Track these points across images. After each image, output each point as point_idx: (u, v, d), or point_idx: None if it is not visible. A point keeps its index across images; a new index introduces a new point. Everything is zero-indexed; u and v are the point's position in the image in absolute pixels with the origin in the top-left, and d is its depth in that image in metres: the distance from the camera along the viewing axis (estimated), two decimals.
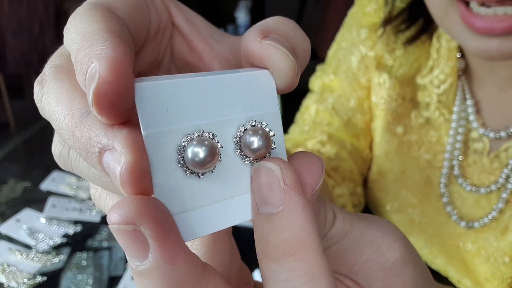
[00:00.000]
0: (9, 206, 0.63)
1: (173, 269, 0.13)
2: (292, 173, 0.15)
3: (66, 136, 0.16)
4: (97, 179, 0.17)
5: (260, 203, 0.15)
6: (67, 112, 0.16)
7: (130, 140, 0.15)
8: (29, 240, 0.55)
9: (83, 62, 0.15)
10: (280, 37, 0.17)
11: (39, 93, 0.18)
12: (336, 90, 0.53)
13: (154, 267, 0.13)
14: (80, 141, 0.15)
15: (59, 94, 0.17)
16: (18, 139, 0.85)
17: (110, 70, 0.14)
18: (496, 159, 0.42)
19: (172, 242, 0.13)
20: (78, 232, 0.59)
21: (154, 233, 0.13)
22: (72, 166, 0.18)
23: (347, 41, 0.52)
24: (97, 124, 0.15)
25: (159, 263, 0.13)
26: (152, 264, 0.13)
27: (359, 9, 0.52)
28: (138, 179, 0.14)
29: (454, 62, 0.44)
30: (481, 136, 0.43)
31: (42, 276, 0.50)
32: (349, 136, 0.51)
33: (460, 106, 0.44)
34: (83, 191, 0.67)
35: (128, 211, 0.13)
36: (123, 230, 0.13)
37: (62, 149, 0.18)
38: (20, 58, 1.56)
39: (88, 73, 0.14)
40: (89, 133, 0.15)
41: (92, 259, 0.54)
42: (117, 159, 0.14)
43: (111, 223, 0.13)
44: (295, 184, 0.15)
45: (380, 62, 0.49)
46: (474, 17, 0.34)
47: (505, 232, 0.40)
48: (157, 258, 0.13)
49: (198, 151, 0.14)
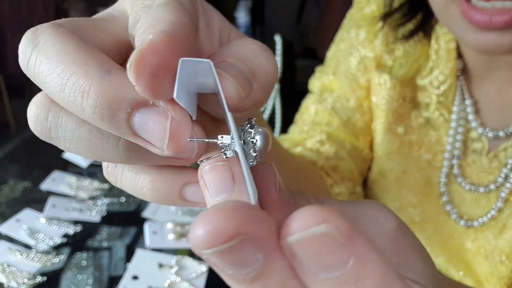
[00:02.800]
0: (9, 206, 0.63)
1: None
2: (343, 220, 0.12)
3: (70, 96, 0.15)
4: (85, 143, 0.17)
5: (319, 270, 0.12)
6: (78, 69, 0.15)
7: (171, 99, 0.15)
8: (29, 240, 0.55)
9: (143, 34, 0.15)
10: (236, 61, 0.18)
11: (29, 45, 0.16)
12: (335, 91, 0.53)
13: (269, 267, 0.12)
14: (102, 99, 0.15)
15: (61, 48, 0.16)
16: (18, 139, 0.85)
17: (161, 39, 0.14)
18: (495, 158, 0.42)
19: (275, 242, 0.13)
20: (78, 232, 0.59)
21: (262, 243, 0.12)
22: (52, 132, 0.17)
23: (346, 42, 0.53)
24: (127, 80, 0.15)
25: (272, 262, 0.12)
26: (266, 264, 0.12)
27: (358, 10, 0.52)
28: (186, 134, 0.15)
29: (453, 63, 0.45)
30: (480, 136, 0.43)
31: (42, 276, 0.50)
32: (348, 135, 0.52)
33: (459, 106, 0.45)
34: (83, 191, 0.67)
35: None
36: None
37: (40, 113, 0.17)
38: None
39: (141, 42, 0.15)
40: (116, 91, 0.15)
41: (92, 259, 0.54)
42: (161, 115, 0.14)
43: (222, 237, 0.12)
44: (352, 231, 0.12)
45: (380, 63, 0.49)
46: (474, 10, 0.34)
47: (503, 230, 0.40)
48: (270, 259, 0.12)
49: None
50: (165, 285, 0.50)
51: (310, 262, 0.12)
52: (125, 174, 0.19)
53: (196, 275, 0.52)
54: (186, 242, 0.58)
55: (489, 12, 0.33)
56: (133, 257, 0.54)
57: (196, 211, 0.64)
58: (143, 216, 0.62)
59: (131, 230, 0.60)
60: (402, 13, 0.46)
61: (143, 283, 0.50)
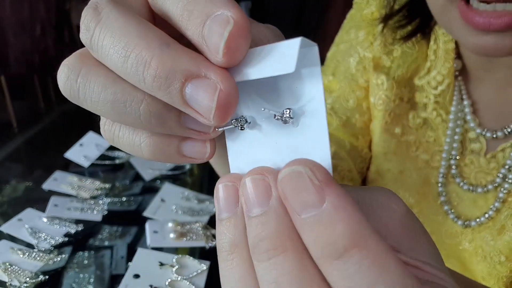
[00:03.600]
0: (11, 205, 0.64)
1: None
2: (321, 168, 0.15)
3: (133, 67, 0.16)
4: (109, 105, 0.18)
5: (300, 209, 0.15)
6: (141, 42, 0.16)
7: (223, 71, 0.16)
8: (31, 239, 0.56)
9: (204, 8, 0.16)
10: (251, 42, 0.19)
11: (92, 21, 0.17)
12: (335, 91, 0.53)
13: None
14: (161, 70, 0.16)
15: (124, 23, 0.17)
16: (20, 139, 0.85)
17: (242, 18, 0.16)
18: (493, 159, 0.42)
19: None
20: (79, 231, 0.59)
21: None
22: (80, 93, 0.18)
23: (345, 42, 0.53)
24: (183, 54, 0.16)
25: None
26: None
27: (357, 11, 0.53)
28: (233, 107, 0.16)
29: (451, 64, 0.45)
30: (478, 136, 0.44)
31: (44, 275, 0.51)
32: (347, 135, 0.52)
33: (457, 107, 0.45)
34: (84, 191, 0.68)
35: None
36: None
37: (70, 74, 0.18)
38: (22, 59, 1.56)
39: (213, 19, 0.16)
40: (173, 62, 0.16)
41: (93, 258, 0.55)
42: (210, 86, 0.16)
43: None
44: (328, 178, 0.15)
45: (378, 64, 0.50)
46: (473, 12, 0.34)
47: (502, 231, 0.40)
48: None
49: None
50: (166, 283, 0.50)
51: (292, 198, 0.15)
52: (123, 131, 0.20)
53: (196, 273, 0.52)
54: (186, 241, 0.58)
55: (488, 14, 0.33)
56: (134, 256, 0.54)
57: (196, 211, 0.65)
58: (144, 216, 0.63)
59: (132, 229, 0.61)
60: (402, 16, 0.46)
61: (144, 281, 0.50)
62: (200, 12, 0.16)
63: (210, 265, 0.54)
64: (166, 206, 0.65)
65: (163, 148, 0.19)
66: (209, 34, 0.16)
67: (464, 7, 0.35)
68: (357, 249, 0.14)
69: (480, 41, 0.35)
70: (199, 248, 0.58)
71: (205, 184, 0.72)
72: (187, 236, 0.59)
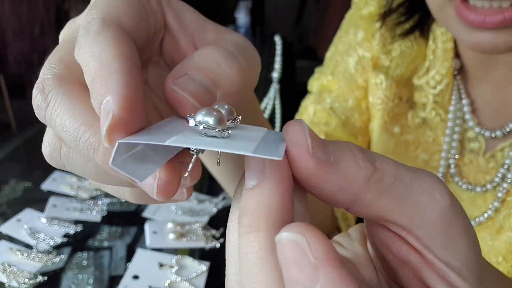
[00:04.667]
0: (10, 206, 0.64)
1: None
2: (321, 242, 0.13)
3: (84, 149, 0.18)
4: (94, 175, 0.19)
5: (291, 284, 0.13)
6: (87, 129, 0.18)
7: (163, 166, 0.17)
8: (30, 240, 0.56)
9: (98, 92, 0.17)
10: (197, 73, 0.19)
11: (42, 103, 0.19)
12: (334, 91, 0.53)
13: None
14: (108, 156, 0.17)
15: (71, 109, 0.18)
16: (19, 139, 0.85)
17: (123, 109, 0.16)
18: (492, 158, 0.42)
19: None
20: (78, 232, 0.59)
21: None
22: (66, 166, 0.20)
23: (344, 43, 0.53)
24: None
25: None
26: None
27: (356, 12, 0.53)
28: (172, 190, 0.17)
29: (450, 63, 0.45)
30: (477, 135, 0.44)
31: (42, 276, 0.51)
32: (347, 135, 0.52)
33: (456, 106, 0.45)
34: (83, 191, 0.67)
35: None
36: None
37: (52, 152, 0.20)
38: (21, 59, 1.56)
39: (102, 107, 0.16)
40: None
41: (92, 259, 0.54)
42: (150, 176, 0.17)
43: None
44: (327, 256, 0.13)
45: (377, 63, 0.50)
46: (468, 10, 0.35)
47: (500, 231, 0.40)
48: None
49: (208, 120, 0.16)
50: (165, 284, 0.50)
51: (283, 268, 0.13)
52: (107, 186, 0.22)
53: (196, 274, 0.52)
54: (186, 242, 0.58)
55: (483, 12, 0.34)
56: (134, 256, 0.54)
57: (196, 211, 0.65)
58: (143, 216, 0.63)
59: (132, 230, 0.60)
60: (400, 13, 0.47)
61: (144, 282, 0.50)
62: (96, 94, 0.17)
63: (210, 266, 0.54)
64: (165, 207, 0.65)
65: (144, 197, 0.21)
66: (101, 118, 0.17)
67: (460, 4, 0.35)
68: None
69: (475, 38, 0.35)
70: (199, 249, 0.58)
71: (205, 185, 0.72)
72: (187, 236, 0.58)
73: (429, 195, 0.16)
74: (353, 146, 0.17)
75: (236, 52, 0.21)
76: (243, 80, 0.20)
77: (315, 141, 0.16)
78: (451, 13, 0.36)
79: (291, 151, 0.16)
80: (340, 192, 0.16)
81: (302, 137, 0.16)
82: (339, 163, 0.16)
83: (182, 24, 0.23)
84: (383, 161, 0.17)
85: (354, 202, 0.16)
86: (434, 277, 0.17)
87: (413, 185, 0.16)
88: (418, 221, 0.16)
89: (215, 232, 0.61)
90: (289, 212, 0.15)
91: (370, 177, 0.16)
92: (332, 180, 0.16)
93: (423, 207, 0.16)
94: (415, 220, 0.16)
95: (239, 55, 0.21)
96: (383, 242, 0.18)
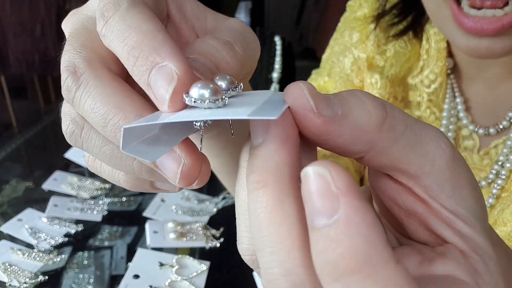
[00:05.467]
0: (11, 205, 0.64)
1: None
2: (344, 174, 0.13)
3: (111, 132, 0.18)
4: (107, 158, 0.20)
5: (313, 214, 0.13)
6: (118, 112, 0.18)
7: (188, 146, 0.18)
8: (31, 240, 0.56)
9: (147, 59, 0.17)
10: (199, 57, 0.20)
11: (72, 85, 0.19)
12: (330, 91, 0.54)
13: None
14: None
15: (102, 92, 0.18)
16: (20, 139, 0.85)
17: (186, 72, 0.17)
18: (486, 156, 0.43)
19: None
20: (79, 232, 0.59)
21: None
22: (83, 145, 0.20)
23: (340, 44, 0.54)
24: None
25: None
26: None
27: (350, 14, 0.54)
28: (194, 176, 0.18)
29: (443, 62, 0.46)
30: (471, 133, 0.44)
31: (43, 275, 0.51)
32: None
33: (450, 104, 0.45)
34: (84, 191, 0.68)
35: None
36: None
37: (75, 130, 0.20)
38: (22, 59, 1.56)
39: (157, 72, 0.17)
40: None
41: (93, 258, 0.55)
42: (175, 159, 0.18)
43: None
44: (349, 187, 0.13)
45: (372, 63, 0.50)
46: (465, 17, 0.35)
47: (494, 226, 0.41)
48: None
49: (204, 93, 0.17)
50: (166, 284, 0.50)
51: (307, 200, 0.14)
52: (104, 167, 0.22)
53: (196, 274, 0.52)
54: (186, 242, 0.58)
55: (480, 20, 0.34)
56: (134, 256, 0.54)
57: (196, 211, 0.65)
58: (144, 216, 0.63)
59: (132, 229, 0.61)
60: (393, 14, 0.47)
61: (144, 282, 0.50)
62: (145, 60, 0.17)
63: (210, 265, 0.54)
64: (166, 206, 0.65)
65: (138, 184, 0.22)
66: (154, 84, 0.17)
67: (456, 9, 0.35)
68: (361, 276, 0.12)
69: (472, 44, 0.35)
70: (199, 248, 0.58)
71: (205, 185, 0.72)
72: (187, 236, 0.59)
73: (436, 144, 0.17)
74: (361, 93, 0.17)
75: (234, 39, 0.21)
76: (241, 67, 0.21)
77: (318, 98, 0.16)
78: (447, 16, 0.37)
79: (296, 113, 0.16)
80: (354, 143, 0.16)
81: (303, 98, 0.15)
82: (348, 115, 0.16)
83: (183, 13, 0.24)
84: (393, 108, 0.17)
85: (368, 151, 0.16)
86: (441, 224, 0.17)
87: (421, 134, 0.17)
88: (427, 169, 0.16)
89: (215, 232, 0.61)
90: (297, 167, 0.15)
91: (382, 123, 0.16)
92: (344, 134, 0.16)
93: (432, 156, 0.16)
94: (425, 168, 0.16)
95: (237, 42, 0.21)
96: (389, 195, 0.18)
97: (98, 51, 0.20)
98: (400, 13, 0.47)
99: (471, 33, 0.34)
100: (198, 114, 0.16)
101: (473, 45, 0.35)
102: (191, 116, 0.16)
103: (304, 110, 0.15)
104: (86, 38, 0.20)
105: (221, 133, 0.31)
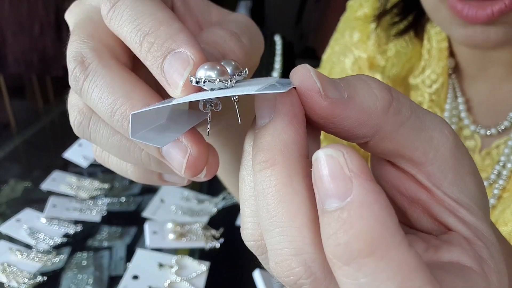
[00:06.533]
0: (10, 206, 0.64)
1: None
2: (357, 157, 0.13)
3: (118, 121, 0.18)
4: (116, 149, 0.20)
5: (325, 198, 0.13)
6: (126, 101, 0.18)
7: (194, 135, 0.18)
8: (30, 240, 0.56)
9: (162, 45, 0.17)
10: (207, 46, 0.20)
11: (80, 75, 0.19)
12: None
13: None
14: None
15: (110, 82, 0.18)
16: (19, 139, 0.85)
17: (201, 58, 0.17)
18: (487, 156, 0.43)
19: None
20: (78, 232, 0.59)
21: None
22: (91, 136, 0.20)
23: (340, 44, 0.54)
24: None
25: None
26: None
27: (351, 14, 0.54)
28: (200, 166, 0.18)
29: (445, 62, 0.45)
30: (473, 134, 0.44)
31: (42, 276, 0.51)
32: None
33: (452, 104, 0.45)
34: (83, 191, 0.67)
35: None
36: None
37: (82, 120, 0.20)
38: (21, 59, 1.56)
39: (172, 57, 0.17)
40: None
41: (92, 259, 0.54)
42: (182, 149, 0.18)
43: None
44: (362, 169, 0.13)
45: (373, 63, 0.50)
46: (461, 4, 0.35)
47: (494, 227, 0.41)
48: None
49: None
50: (165, 284, 0.50)
51: (318, 183, 0.13)
52: (111, 158, 0.22)
53: (196, 274, 0.52)
54: (186, 242, 0.58)
55: (475, 6, 0.34)
56: (133, 257, 0.54)
57: (196, 211, 0.65)
58: (143, 216, 0.63)
59: (132, 230, 0.60)
60: (394, 14, 0.47)
61: (143, 282, 0.50)
62: (160, 46, 0.17)
63: (210, 266, 0.54)
64: (165, 207, 0.65)
65: (146, 176, 0.22)
66: (169, 69, 0.17)
67: (454, 0, 0.35)
68: (373, 258, 0.12)
69: (468, 32, 0.36)
70: (199, 249, 0.57)
71: (205, 185, 0.72)
72: (187, 236, 0.58)
73: (440, 131, 0.17)
74: (367, 77, 0.17)
75: (241, 31, 0.21)
76: (247, 58, 0.21)
77: (325, 81, 0.16)
78: (444, 12, 0.37)
79: (302, 95, 0.16)
80: (360, 126, 0.16)
81: (310, 79, 0.15)
82: (355, 98, 0.16)
83: (188, 6, 0.24)
84: (398, 93, 0.17)
85: (374, 135, 0.16)
86: (444, 211, 0.17)
87: (426, 120, 0.16)
88: (431, 156, 0.16)
89: (215, 232, 0.61)
90: (304, 146, 0.15)
91: (388, 107, 0.16)
92: (350, 116, 0.16)
93: (436, 143, 0.16)
94: (429, 155, 0.16)
95: (242, 34, 0.21)
96: (392, 182, 0.18)
97: (104, 41, 0.20)
98: (401, 12, 0.47)
99: (467, 20, 0.35)
100: (207, 94, 0.16)
101: (469, 33, 0.36)
102: (199, 96, 0.16)
103: (311, 91, 0.15)
104: (92, 28, 0.20)
105: (220, 132, 0.31)
